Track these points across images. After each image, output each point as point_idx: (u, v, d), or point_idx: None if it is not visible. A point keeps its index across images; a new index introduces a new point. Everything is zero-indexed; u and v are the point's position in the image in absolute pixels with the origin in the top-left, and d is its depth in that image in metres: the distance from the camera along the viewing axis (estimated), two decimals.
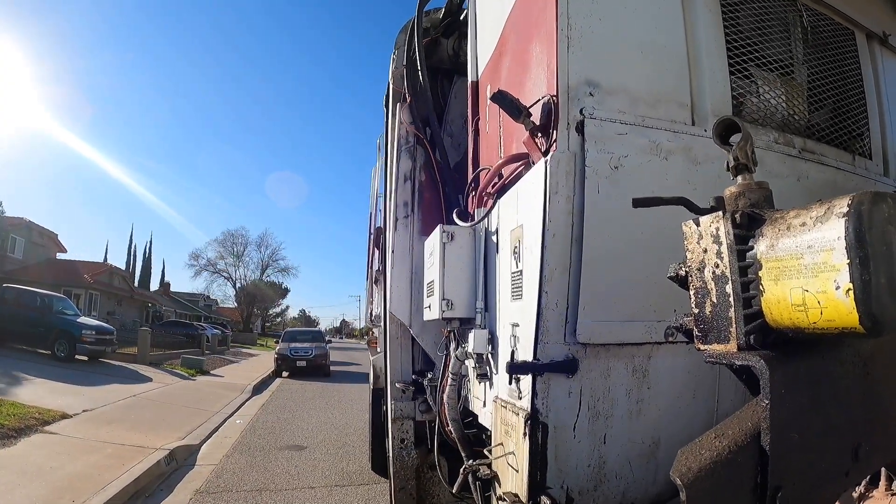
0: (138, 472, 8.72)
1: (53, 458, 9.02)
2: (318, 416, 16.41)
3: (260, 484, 9.20)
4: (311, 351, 29.07)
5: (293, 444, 12.15)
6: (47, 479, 8.12)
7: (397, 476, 5.06)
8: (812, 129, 3.39)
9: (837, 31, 3.67)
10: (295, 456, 11.17)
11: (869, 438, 1.58)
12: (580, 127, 2.67)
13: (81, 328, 22.93)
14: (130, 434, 11.08)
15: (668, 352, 2.76)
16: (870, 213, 1.22)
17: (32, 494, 7.48)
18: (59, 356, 21.78)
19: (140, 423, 12.19)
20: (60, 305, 24.85)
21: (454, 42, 5.69)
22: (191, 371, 24.89)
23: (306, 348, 29.28)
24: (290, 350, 28.99)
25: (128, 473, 8.59)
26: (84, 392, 15.22)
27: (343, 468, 10.38)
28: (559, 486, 2.60)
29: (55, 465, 8.73)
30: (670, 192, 2.34)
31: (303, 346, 29.68)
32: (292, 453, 11.38)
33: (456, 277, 3.77)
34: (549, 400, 2.60)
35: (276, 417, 15.67)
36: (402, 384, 4.88)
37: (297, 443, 12.36)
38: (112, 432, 11.05)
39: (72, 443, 10.09)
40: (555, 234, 2.60)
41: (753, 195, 1.59)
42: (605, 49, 2.80)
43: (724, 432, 1.46)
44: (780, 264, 1.38)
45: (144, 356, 26.12)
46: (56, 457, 9.12)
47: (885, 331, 1.22)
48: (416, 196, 5.07)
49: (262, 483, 9.29)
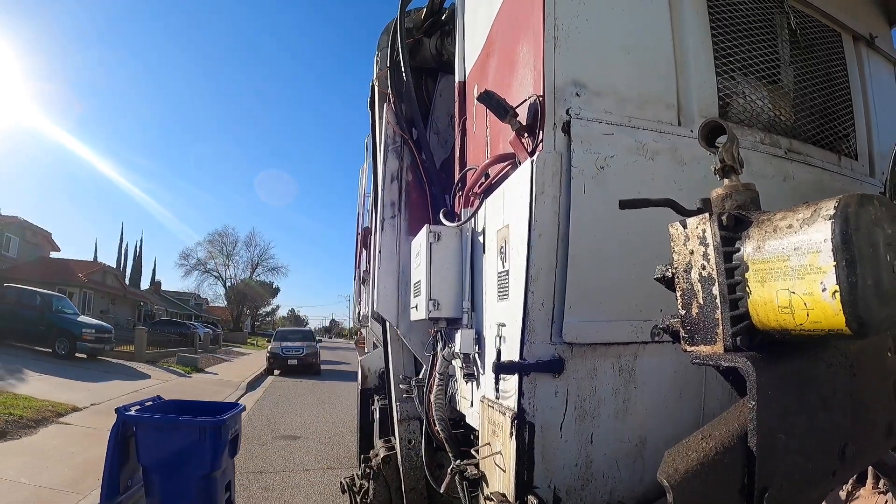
0: None
1: (72, 445, 10.25)
2: (310, 410, 17.41)
3: (259, 467, 10.11)
4: (301, 350, 30.27)
5: (288, 435, 13.19)
6: (69, 462, 9.22)
7: (407, 477, 5.05)
8: (798, 129, 3.41)
9: (824, 33, 3.70)
10: (290, 444, 12.22)
11: (855, 438, 1.59)
12: (566, 127, 2.67)
13: (82, 327, 24.04)
14: None
15: (655, 351, 2.77)
16: (856, 215, 1.22)
17: (60, 475, 8.54)
18: (59, 354, 22.75)
19: None
20: (60, 304, 25.74)
21: (437, 41, 5.68)
22: (186, 369, 26.18)
23: (297, 347, 30.51)
24: (282, 349, 30.16)
25: None
26: (89, 388, 16.50)
27: (335, 454, 11.41)
28: (546, 486, 2.60)
29: (74, 451, 9.90)
30: (656, 192, 2.34)
31: (294, 344, 30.94)
32: (287, 442, 12.40)
33: (443, 277, 3.77)
34: (535, 399, 2.60)
35: (270, 411, 16.63)
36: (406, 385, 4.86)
37: (291, 433, 13.39)
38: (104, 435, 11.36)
39: (86, 432, 11.31)
40: (541, 234, 2.60)
41: (740, 197, 1.59)
42: (591, 50, 2.81)
43: (710, 433, 1.46)
44: (767, 266, 1.38)
45: (141, 354, 27.32)
46: (74, 444, 10.37)
47: (872, 332, 1.23)
48: (403, 196, 5.06)
49: (261, 466, 10.26)
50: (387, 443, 5.72)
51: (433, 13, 5.72)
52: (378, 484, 5.29)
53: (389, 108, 5.25)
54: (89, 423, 11.90)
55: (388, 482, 5.27)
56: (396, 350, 5.33)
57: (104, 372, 20.95)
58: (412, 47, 5.56)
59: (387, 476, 5.28)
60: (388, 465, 5.29)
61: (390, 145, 5.13)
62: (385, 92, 5.57)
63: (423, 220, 4.51)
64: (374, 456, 5.64)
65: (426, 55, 5.74)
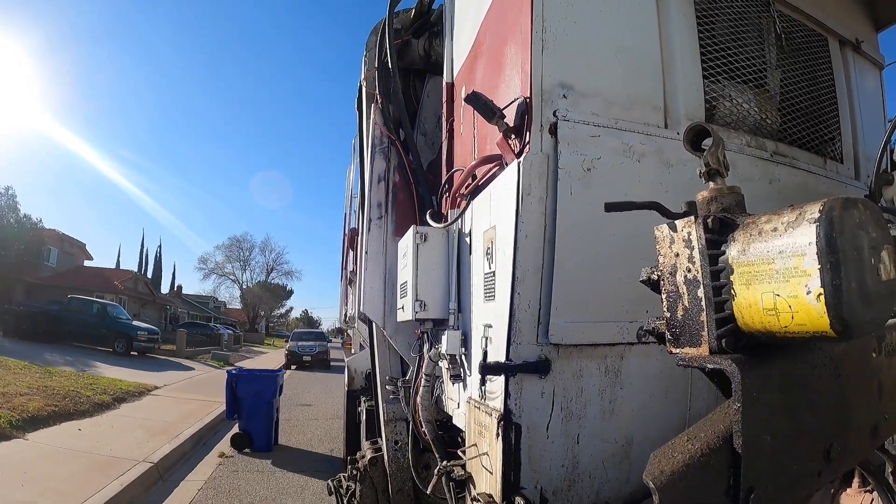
0: (217, 412, 15.00)
1: (168, 405, 16.02)
2: (320, 391, 23.62)
3: (285, 421, 14.59)
4: (314, 348, 37.09)
5: (304, 403, 20.04)
6: (174, 412, 14.89)
7: (394, 478, 5.05)
8: (784, 133, 3.43)
9: (811, 37, 3.72)
10: (306, 409, 18.80)
11: (840, 439, 1.60)
12: (553, 129, 2.68)
13: (136, 330, 30.29)
14: (200, 396, 18.04)
15: (641, 352, 2.77)
16: (841, 218, 1.23)
17: (172, 418, 14.09)
18: (118, 352, 28.65)
19: (202, 392, 18.99)
20: (115, 311, 32.09)
21: (425, 42, 5.68)
22: (220, 363, 32.58)
23: (311, 346, 37.41)
24: (298, 347, 37.35)
25: (213, 413, 15.04)
26: (154, 376, 21.92)
27: (335, 413, 16.11)
28: (533, 487, 2.60)
29: (171, 408, 15.58)
30: (642, 194, 2.36)
31: (308, 344, 37.90)
32: (304, 407, 18.95)
33: (429, 278, 3.76)
34: (521, 400, 2.60)
35: (291, 392, 21.32)
36: (393, 386, 4.86)
37: (306, 402, 20.29)
38: (190, 396, 18.23)
39: (171, 400, 17.15)
40: (527, 236, 2.60)
41: (725, 200, 1.59)
42: (579, 52, 2.81)
43: (696, 435, 1.47)
44: (752, 269, 1.39)
45: (182, 351, 34.66)
46: (169, 405, 16.15)
47: (856, 335, 1.24)
48: (390, 197, 5.05)
49: (288, 417, 15.86)
50: (373, 444, 5.70)
51: (422, 14, 5.72)
52: (365, 485, 5.27)
53: (377, 109, 5.24)
54: (171, 395, 18.04)
55: (375, 483, 5.26)
56: (383, 351, 5.32)
57: (158, 365, 26.90)
58: (400, 48, 5.55)
59: (374, 477, 5.27)
60: (375, 466, 5.27)
61: (377, 146, 5.12)
62: (373, 92, 5.55)
63: (410, 221, 4.50)
64: (360, 457, 5.62)
65: (414, 56, 5.73)
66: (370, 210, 5.04)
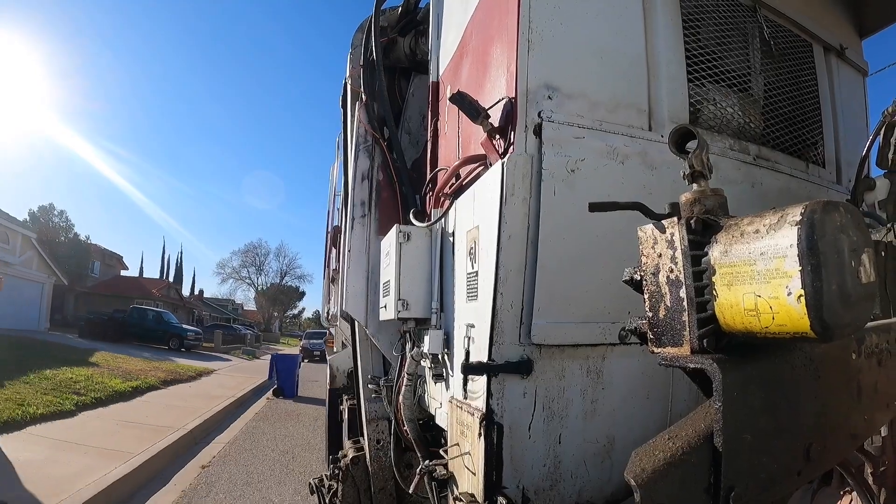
0: (259, 381, 25.30)
1: (226, 380, 25.55)
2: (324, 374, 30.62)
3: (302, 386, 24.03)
4: (322, 345, 40.84)
5: (313, 380, 27.05)
6: (233, 381, 25.08)
7: (376, 477, 5.03)
8: (767, 136, 3.46)
9: (796, 43, 3.75)
10: (314, 382, 26.01)
11: (820, 439, 1.62)
12: (538, 129, 2.68)
13: (186, 331, 41.36)
14: (245, 375, 27.99)
15: (623, 353, 2.79)
16: (822, 221, 1.24)
17: (233, 383, 24.37)
18: (172, 348, 38.45)
19: (245, 373, 28.93)
20: (167, 317, 42.71)
21: (411, 40, 5.66)
22: (249, 356, 43.63)
23: (319, 343, 42.89)
24: (310, 344, 45.73)
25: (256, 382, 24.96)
26: (207, 364, 30.63)
27: None
28: (515, 486, 2.60)
29: (230, 380, 25.55)
30: (626, 195, 2.37)
31: (318, 342, 44.22)
32: (313, 382, 26.23)
33: (412, 278, 3.75)
34: (504, 400, 2.60)
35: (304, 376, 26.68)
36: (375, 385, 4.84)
37: (314, 379, 27.25)
38: (238, 376, 27.73)
39: (227, 377, 26.64)
40: (510, 236, 2.60)
41: (708, 202, 1.60)
42: (565, 53, 2.82)
43: (677, 434, 1.48)
44: (734, 270, 1.40)
45: (219, 347, 44.91)
46: (227, 380, 25.63)
47: (836, 336, 1.25)
48: (374, 195, 5.03)
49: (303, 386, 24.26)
50: (355, 443, 5.69)
51: (408, 12, 5.70)
52: (347, 485, 5.26)
53: (361, 107, 5.21)
54: (226, 374, 28.22)
55: (357, 483, 5.25)
56: (365, 350, 5.30)
57: (205, 358, 36.24)
58: (386, 46, 5.52)
59: (355, 477, 5.26)
60: (357, 465, 5.26)
61: (361, 144, 5.10)
62: (357, 90, 5.53)
63: (394, 220, 4.48)
64: (342, 456, 5.61)
65: (400, 54, 5.71)
66: (353, 208, 5.02)
